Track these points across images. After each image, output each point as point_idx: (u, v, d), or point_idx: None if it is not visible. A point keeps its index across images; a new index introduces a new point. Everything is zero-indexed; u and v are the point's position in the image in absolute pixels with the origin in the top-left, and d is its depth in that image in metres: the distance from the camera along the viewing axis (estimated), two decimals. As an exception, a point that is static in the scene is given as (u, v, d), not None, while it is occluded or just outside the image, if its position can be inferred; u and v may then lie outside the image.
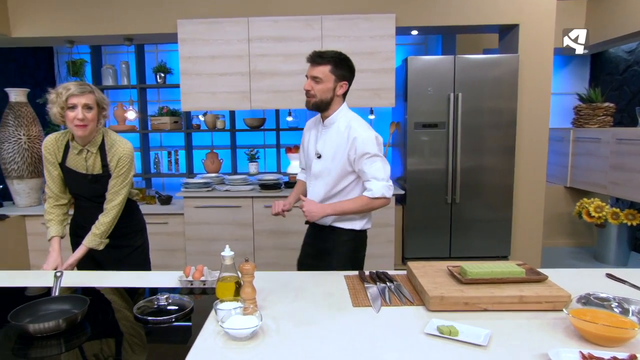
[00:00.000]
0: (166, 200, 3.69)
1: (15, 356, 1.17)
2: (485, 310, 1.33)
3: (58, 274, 1.51)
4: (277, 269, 3.62)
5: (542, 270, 1.50)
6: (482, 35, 4.47)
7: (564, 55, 4.96)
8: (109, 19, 3.48)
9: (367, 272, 1.68)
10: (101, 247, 1.90)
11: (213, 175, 3.89)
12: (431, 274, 1.52)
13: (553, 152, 4.80)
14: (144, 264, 2.12)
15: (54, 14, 3.46)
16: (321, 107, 1.84)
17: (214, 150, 4.38)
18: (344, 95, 1.88)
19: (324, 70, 1.77)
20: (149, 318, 1.32)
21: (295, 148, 4.15)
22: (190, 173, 4.34)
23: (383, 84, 3.50)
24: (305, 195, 2.01)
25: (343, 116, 1.87)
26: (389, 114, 4.33)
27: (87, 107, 1.76)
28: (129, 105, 4.06)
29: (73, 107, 1.74)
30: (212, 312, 1.34)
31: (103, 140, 1.88)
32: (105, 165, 1.88)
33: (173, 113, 4.26)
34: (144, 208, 3.59)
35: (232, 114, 4.28)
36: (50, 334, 1.24)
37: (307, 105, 1.86)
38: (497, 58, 3.51)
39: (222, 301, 1.32)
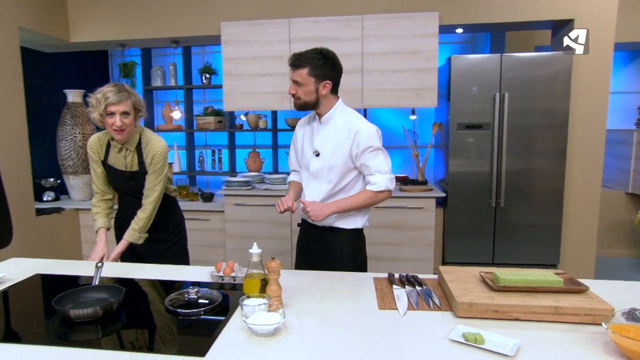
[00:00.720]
0: (208, 198, 3.81)
1: (58, 338, 1.25)
2: (517, 319, 1.27)
3: (99, 264, 1.60)
4: (313, 267, 3.62)
5: (587, 282, 1.41)
6: (535, 32, 4.26)
7: (629, 51, 4.63)
8: (156, 23, 3.64)
9: (396, 275, 1.65)
10: (140, 242, 2.00)
11: (254, 174, 3.97)
12: (462, 280, 1.47)
13: (612, 156, 4.50)
14: (182, 258, 2.20)
15: (107, 19, 3.68)
16: (309, 107, 1.83)
17: (256, 150, 4.47)
18: (335, 91, 1.86)
19: (302, 74, 1.76)
20: (179, 310, 1.37)
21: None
22: (232, 171, 4.45)
23: (425, 84, 3.42)
24: (302, 197, 1.98)
25: (340, 112, 1.85)
26: (431, 115, 4.23)
27: (124, 113, 1.84)
28: (175, 105, 4.23)
29: (112, 114, 1.82)
30: (239, 308, 1.37)
31: (140, 138, 1.97)
32: (141, 162, 1.97)
33: (217, 113, 4.39)
34: (187, 205, 3.74)
35: (274, 113, 4.35)
36: (89, 319, 1.32)
37: (294, 107, 1.86)
38: (548, 56, 3.34)
39: (248, 297, 1.34)
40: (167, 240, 2.13)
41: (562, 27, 3.57)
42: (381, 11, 3.45)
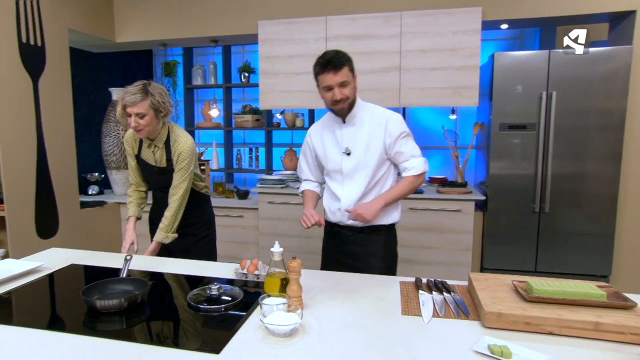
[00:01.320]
0: (243, 195, 3.85)
1: (85, 327, 1.29)
2: (551, 333, 1.17)
3: (128, 257, 1.64)
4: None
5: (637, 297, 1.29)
6: (590, 26, 3.99)
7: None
8: (196, 23, 3.72)
9: (424, 280, 1.58)
10: (168, 241, 2.02)
11: (289, 172, 3.98)
12: (493, 288, 1.38)
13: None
14: (209, 254, 2.22)
15: (150, 20, 3.80)
16: (351, 107, 1.82)
17: (293, 148, 4.48)
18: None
19: (346, 72, 1.72)
20: (201, 306, 1.38)
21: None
22: (269, 169, 4.49)
23: (466, 82, 3.29)
24: (333, 201, 1.92)
25: (362, 107, 1.86)
26: (472, 114, 4.07)
27: (139, 115, 1.86)
28: (213, 103, 4.31)
29: (129, 114, 1.89)
30: (259, 306, 1.35)
31: (168, 135, 2.00)
32: (169, 159, 2.01)
33: (255, 111, 4.43)
34: (223, 201, 3.80)
35: (312, 112, 4.34)
36: (114, 310, 1.35)
37: (341, 112, 1.81)
38: (602, 51, 3.12)
39: (268, 296, 1.33)
40: (194, 234, 2.16)
41: (621, 19, 3.32)
42: (421, 7, 3.35)
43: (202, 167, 4.09)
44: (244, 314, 1.33)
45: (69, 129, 3.27)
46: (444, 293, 1.46)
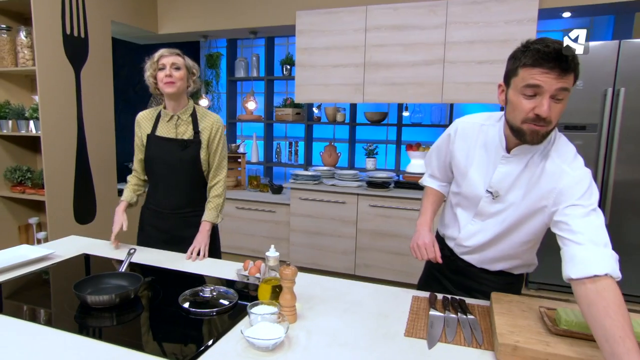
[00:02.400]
0: (277, 190, 3.79)
1: (75, 322, 1.25)
2: (579, 377, 0.97)
3: (132, 251, 1.60)
4: (376, 272, 3.41)
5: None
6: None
7: None
8: (235, 14, 3.70)
9: (439, 296, 1.41)
10: (219, 220, 1.96)
11: (325, 168, 3.87)
12: (516, 313, 1.19)
13: None
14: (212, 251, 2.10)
15: (191, 11, 3.83)
16: (544, 139, 1.20)
17: (333, 143, 4.36)
18: None
19: (570, 80, 1.11)
20: (191, 309, 1.30)
21: (416, 146, 3.87)
22: (307, 164, 4.40)
23: (518, 77, 2.99)
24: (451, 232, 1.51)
25: (547, 141, 1.24)
26: (527, 112, 3.73)
27: (175, 66, 1.82)
28: (250, 95, 4.29)
29: (163, 67, 1.82)
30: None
31: (194, 110, 1.94)
32: (197, 132, 1.91)
33: (295, 105, 4.36)
34: (256, 195, 3.76)
35: (353, 107, 4.19)
36: (105, 306, 1.31)
37: (533, 137, 1.17)
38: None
39: (258, 304, 1.22)
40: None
41: None
42: (470, -5, 3.09)
43: (238, 160, 4.09)
44: (229, 322, 1.24)
45: (109, 118, 3.37)
46: (459, 314, 1.28)
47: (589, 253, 1.06)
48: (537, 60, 1.09)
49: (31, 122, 2.90)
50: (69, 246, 1.88)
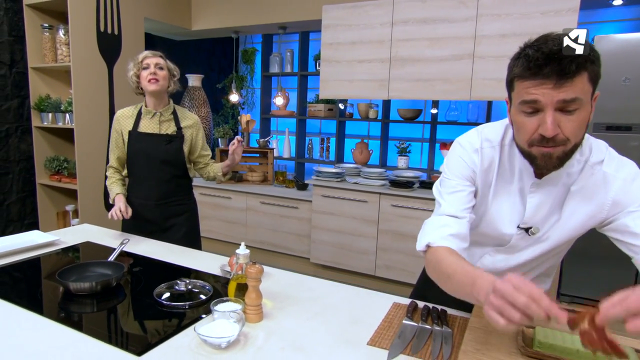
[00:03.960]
0: (303, 186, 3.78)
1: (59, 308, 1.30)
2: (543, 407, 0.87)
3: (125, 241, 1.65)
4: (396, 274, 3.32)
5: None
6: None
7: None
8: (264, 9, 3.72)
9: (421, 305, 1.32)
10: (226, 178, 2.22)
11: (350, 165, 3.80)
12: (492, 329, 1.09)
13: None
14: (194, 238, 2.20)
15: (223, 7, 3.89)
16: (567, 159, 0.98)
17: (364, 141, 4.28)
18: None
19: (582, 84, 0.90)
20: (165, 302, 1.31)
21: (450, 144, 3.71)
22: (339, 161, 4.35)
23: (555, 72, 2.77)
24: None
25: (579, 152, 1.02)
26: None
27: (158, 66, 1.96)
28: (279, 91, 4.30)
29: (147, 67, 1.95)
30: (216, 309, 1.25)
31: (174, 109, 2.10)
32: (179, 128, 2.06)
33: (328, 100, 4.32)
34: (281, 191, 3.77)
35: (386, 103, 4.08)
36: (87, 293, 1.35)
37: (546, 162, 0.97)
38: None
39: (224, 301, 1.21)
40: (180, 225, 2.13)
41: None
42: (503, -15, 2.89)
43: (266, 155, 4.11)
44: (195, 316, 1.23)
45: (140, 112, 3.51)
46: (434, 325, 1.19)
47: None
48: (528, 69, 0.90)
49: (67, 115, 3.09)
50: (76, 234, 1.97)
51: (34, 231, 1.87)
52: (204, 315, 1.24)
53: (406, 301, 1.38)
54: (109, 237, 1.95)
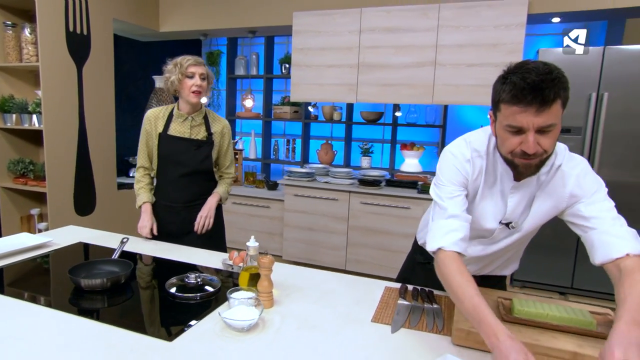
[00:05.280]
0: (273, 186, 3.89)
1: (70, 304, 1.35)
2: (524, 359, 1.06)
3: (125, 239, 1.71)
4: (366, 267, 3.52)
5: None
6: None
7: None
8: (234, 13, 3.79)
9: (410, 288, 1.50)
10: (225, 200, 2.19)
11: (319, 166, 3.96)
12: (475, 303, 1.28)
13: None
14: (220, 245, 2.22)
15: (192, 10, 3.92)
16: (542, 165, 1.16)
17: (329, 142, 4.45)
18: None
19: (557, 110, 1.06)
20: (177, 294, 1.40)
21: (410, 145, 3.96)
22: (304, 162, 4.49)
23: (506, 80, 3.07)
24: None
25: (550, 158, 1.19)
26: (518, 115, 3.80)
27: (202, 77, 1.95)
28: (247, 93, 4.38)
29: (192, 76, 1.92)
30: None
31: (206, 113, 2.08)
32: (209, 133, 2.06)
33: (293, 103, 4.45)
34: (252, 191, 3.86)
35: (350, 106, 4.28)
36: (97, 289, 1.41)
37: (526, 169, 1.15)
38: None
39: (238, 289, 1.32)
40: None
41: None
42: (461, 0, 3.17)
43: (236, 157, 4.18)
44: (211, 305, 1.34)
45: (109, 113, 3.47)
46: (425, 303, 1.38)
47: (608, 238, 1.13)
48: (514, 97, 1.05)
49: (34, 116, 3.01)
50: (67, 235, 1.98)
51: (22, 234, 1.87)
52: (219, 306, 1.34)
53: (396, 285, 1.55)
54: (100, 238, 1.98)
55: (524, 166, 1.13)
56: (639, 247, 1.10)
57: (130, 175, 4.09)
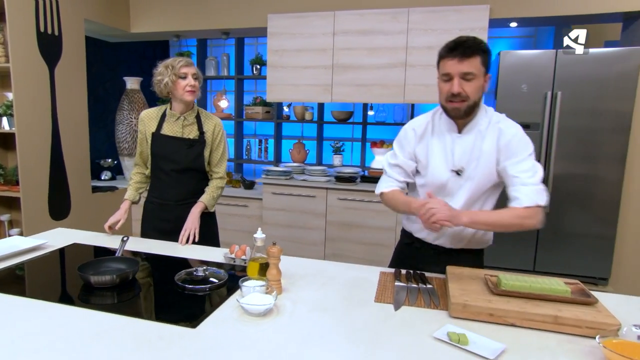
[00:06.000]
0: (249, 185, 3.95)
1: (79, 300, 1.39)
2: (513, 325, 1.22)
3: (125, 238, 1.74)
4: (345, 261, 3.69)
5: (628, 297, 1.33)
6: (606, 25, 3.94)
7: None
8: (208, 15, 3.82)
9: (403, 271, 1.64)
10: (213, 209, 2.16)
11: (295, 164, 4.06)
12: (465, 280, 1.43)
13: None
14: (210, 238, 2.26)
15: (164, 11, 3.91)
16: (470, 111, 1.49)
17: (301, 141, 4.55)
18: None
19: (476, 64, 1.42)
20: (187, 286, 1.47)
21: (380, 143, 4.12)
22: (277, 161, 4.57)
23: (471, 80, 3.30)
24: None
25: (483, 115, 1.54)
26: (480, 112, 4.06)
27: (195, 77, 2.00)
28: (222, 94, 4.41)
29: (184, 76, 1.97)
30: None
31: (198, 112, 2.12)
32: (202, 132, 2.09)
33: (265, 103, 4.52)
34: (229, 191, 3.90)
35: (321, 106, 4.40)
36: (107, 286, 1.45)
37: (456, 113, 1.49)
38: (611, 52, 3.09)
39: (249, 279, 1.41)
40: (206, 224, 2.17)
41: (634, 19, 3.27)
42: (428, 4, 3.36)
43: (211, 157, 4.20)
44: (223, 295, 1.41)
45: (82, 115, 3.41)
46: (420, 284, 1.51)
47: (523, 191, 1.45)
48: (445, 51, 1.47)
49: (4, 119, 2.92)
50: (58, 237, 1.98)
51: (14, 237, 1.85)
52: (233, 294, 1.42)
53: (389, 270, 1.68)
54: (92, 239, 2.00)
55: (453, 109, 1.49)
56: (535, 201, 1.44)
57: (102, 178, 4.02)
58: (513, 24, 3.56)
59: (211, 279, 1.52)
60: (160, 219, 2.12)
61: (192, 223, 2.03)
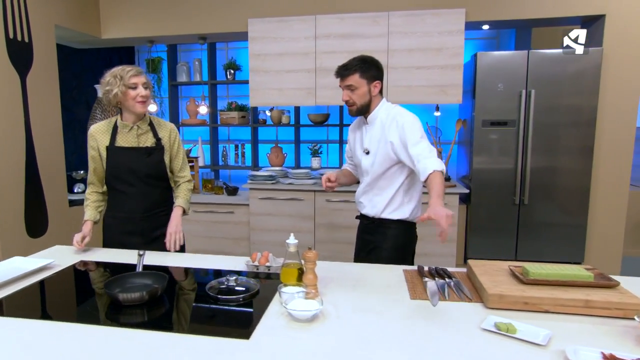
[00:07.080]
0: (233, 192, 3.89)
1: (108, 319, 1.33)
2: (547, 311, 1.30)
3: (141, 252, 1.68)
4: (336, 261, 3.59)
5: (617, 277, 1.43)
6: (562, 28, 4.22)
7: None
8: (184, 20, 3.73)
9: (426, 268, 1.69)
10: (189, 210, 2.15)
11: (277, 168, 4.04)
12: (491, 273, 1.50)
13: None
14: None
15: (137, 16, 3.78)
16: (362, 111, 1.99)
17: (278, 145, 4.54)
18: (380, 91, 2.02)
19: (354, 78, 1.92)
20: (220, 296, 1.44)
21: (357, 144, 4.19)
22: (255, 166, 4.53)
23: (450, 81, 3.43)
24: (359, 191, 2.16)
25: (384, 109, 2.01)
26: (454, 111, 4.23)
27: (145, 86, 1.93)
28: (200, 100, 4.32)
29: (135, 86, 1.89)
30: (277, 295, 1.43)
31: (150, 120, 2.06)
32: (158, 139, 2.04)
33: (241, 108, 4.47)
34: (212, 198, 3.83)
35: (297, 109, 4.40)
36: (136, 303, 1.40)
37: (350, 114, 2.02)
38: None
39: (285, 285, 1.41)
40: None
41: (592, 22, 3.53)
42: (407, 8, 3.46)
43: (192, 164, 4.10)
44: (261, 303, 1.40)
45: (56, 126, 3.24)
46: (446, 279, 1.57)
47: (424, 166, 1.80)
48: (336, 73, 1.98)
49: (-27, 133, 2.72)
50: (60, 256, 1.88)
51: (14, 258, 1.74)
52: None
53: (411, 267, 1.73)
54: (98, 254, 1.91)
55: (349, 111, 2.01)
56: (437, 167, 1.75)
57: (75, 191, 3.81)
58: (485, 27, 3.74)
59: (238, 288, 1.51)
60: (126, 233, 2.04)
61: (175, 227, 2.04)
